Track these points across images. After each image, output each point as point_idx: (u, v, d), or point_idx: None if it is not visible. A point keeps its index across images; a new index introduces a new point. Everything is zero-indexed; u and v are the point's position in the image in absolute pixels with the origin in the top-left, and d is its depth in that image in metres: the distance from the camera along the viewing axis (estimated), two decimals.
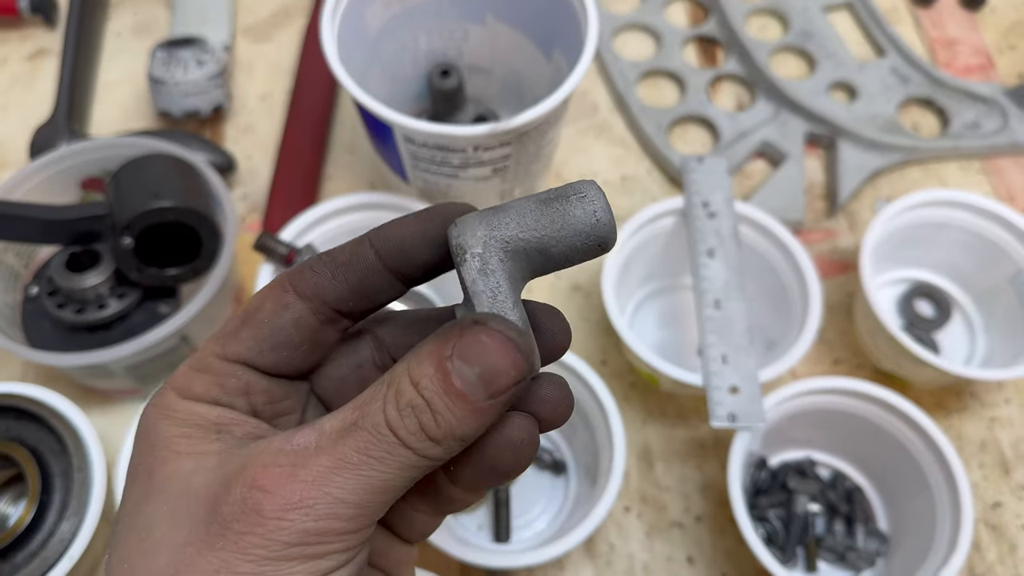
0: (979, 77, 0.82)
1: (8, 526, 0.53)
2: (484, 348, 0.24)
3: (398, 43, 0.66)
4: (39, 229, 0.58)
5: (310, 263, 0.28)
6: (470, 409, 0.24)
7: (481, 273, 0.25)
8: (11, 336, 0.57)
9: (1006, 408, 0.64)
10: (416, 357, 0.25)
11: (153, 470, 0.26)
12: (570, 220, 0.25)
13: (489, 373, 0.24)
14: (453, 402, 0.24)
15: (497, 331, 0.24)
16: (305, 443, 0.25)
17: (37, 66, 0.81)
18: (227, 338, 0.28)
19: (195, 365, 0.28)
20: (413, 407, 0.24)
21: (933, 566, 0.52)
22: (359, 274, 0.27)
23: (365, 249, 0.27)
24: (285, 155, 0.73)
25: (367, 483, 0.24)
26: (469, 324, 0.24)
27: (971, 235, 0.65)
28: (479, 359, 0.24)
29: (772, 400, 0.55)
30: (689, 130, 0.79)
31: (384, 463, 0.24)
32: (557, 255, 0.26)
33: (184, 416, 0.27)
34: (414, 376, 0.24)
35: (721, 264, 0.59)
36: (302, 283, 0.27)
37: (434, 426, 0.24)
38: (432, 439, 0.24)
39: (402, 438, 0.24)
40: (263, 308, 0.27)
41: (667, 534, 0.59)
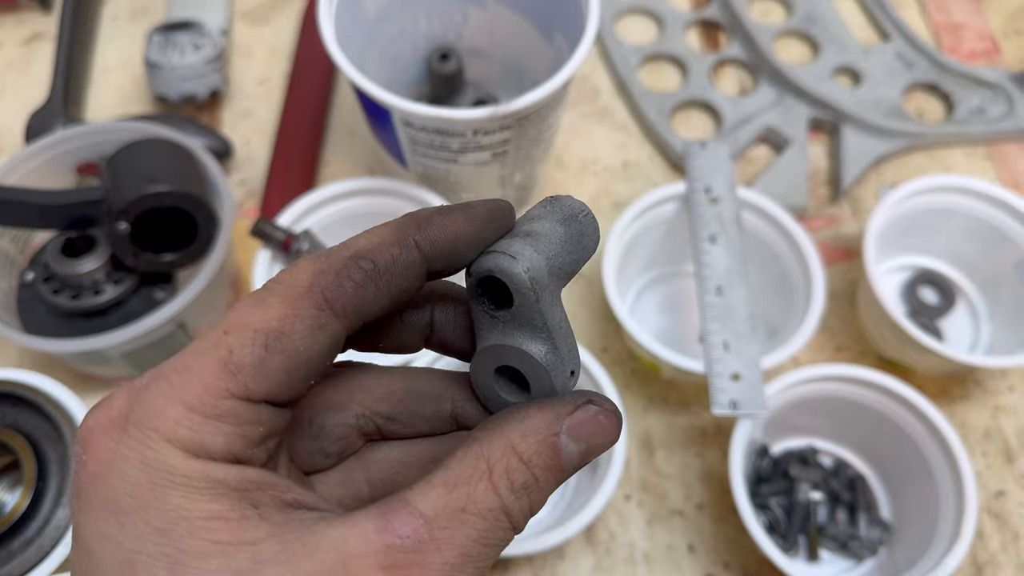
0: (984, 62, 0.81)
1: (4, 513, 0.53)
2: (599, 429, 0.24)
3: (397, 26, 0.65)
4: (34, 214, 0.57)
5: (347, 271, 0.22)
6: (562, 482, 0.24)
7: (554, 305, 0.25)
8: (6, 322, 0.57)
9: (1010, 396, 0.64)
10: (520, 432, 0.23)
11: (181, 567, 0.20)
12: (587, 240, 0.26)
13: (593, 449, 0.24)
14: (553, 476, 0.24)
15: (612, 413, 0.25)
16: (416, 535, 0.21)
17: (33, 50, 0.81)
18: (248, 372, 0.21)
19: (202, 408, 0.21)
20: (527, 488, 0.23)
21: (936, 555, 0.51)
22: (407, 282, 0.23)
23: (411, 252, 0.23)
24: (283, 140, 0.73)
25: (479, 572, 0.22)
26: (582, 403, 0.24)
27: (976, 221, 0.65)
28: (589, 438, 0.24)
29: (774, 387, 0.55)
30: (691, 115, 0.78)
31: (496, 550, 0.23)
32: (573, 273, 0.26)
33: (202, 484, 0.20)
34: (523, 453, 0.23)
35: (723, 250, 0.58)
36: (342, 298, 0.22)
37: (539, 503, 0.24)
38: (533, 515, 0.24)
39: (515, 521, 0.23)
40: (294, 332, 0.22)
41: (668, 522, 0.59)
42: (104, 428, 0.21)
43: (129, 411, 0.21)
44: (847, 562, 0.57)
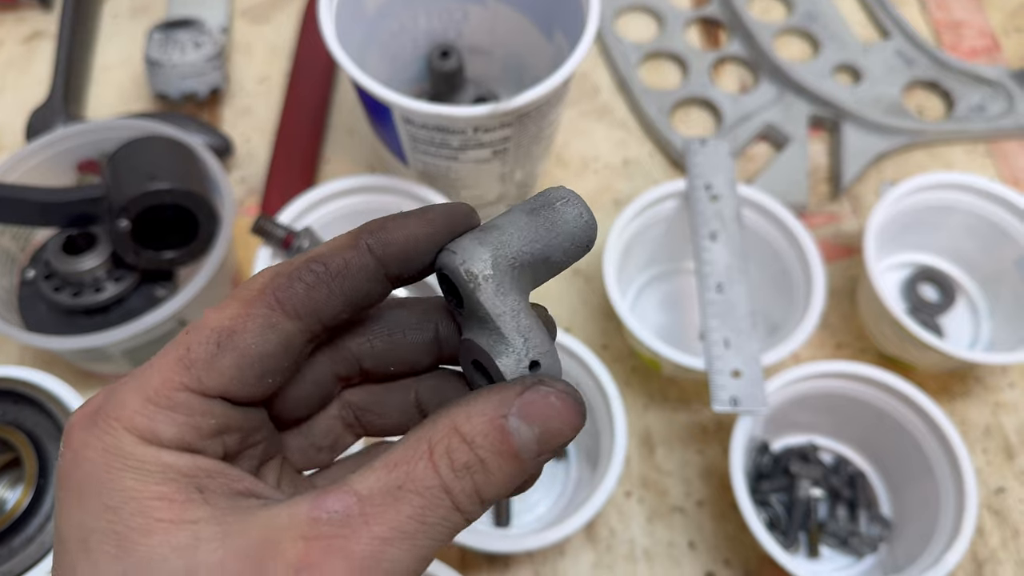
0: (985, 60, 0.81)
1: (5, 511, 0.53)
2: (550, 409, 0.23)
3: (397, 23, 0.65)
4: (35, 212, 0.57)
5: (299, 273, 0.24)
6: (519, 469, 0.23)
7: (499, 295, 0.25)
8: (8, 320, 0.57)
9: (1010, 393, 0.64)
10: (465, 413, 0.23)
11: (127, 542, 0.21)
12: (563, 226, 0.26)
13: (549, 434, 0.23)
14: (506, 460, 0.23)
15: (565, 393, 0.24)
16: (345, 510, 0.22)
17: (33, 48, 0.81)
18: (201, 366, 0.23)
19: (156, 399, 0.23)
20: (468, 468, 0.22)
21: (936, 551, 0.52)
22: (358, 284, 0.24)
23: (364, 256, 0.24)
24: (283, 138, 0.73)
25: (419, 553, 0.22)
26: (532, 384, 0.23)
27: (976, 218, 0.65)
28: (542, 419, 0.23)
29: (775, 384, 0.55)
30: (691, 113, 0.78)
31: (437, 530, 0.22)
32: (556, 262, 0.26)
33: (153, 468, 0.22)
34: (467, 434, 0.23)
35: (723, 247, 0.58)
36: (293, 298, 0.24)
37: (489, 487, 0.23)
38: (483, 501, 0.23)
39: (458, 502, 0.22)
40: (245, 330, 0.23)
41: (668, 519, 0.59)
42: (80, 422, 0.23)
43: (101, 405, 0.23)
44: (847, 558, 0.58)
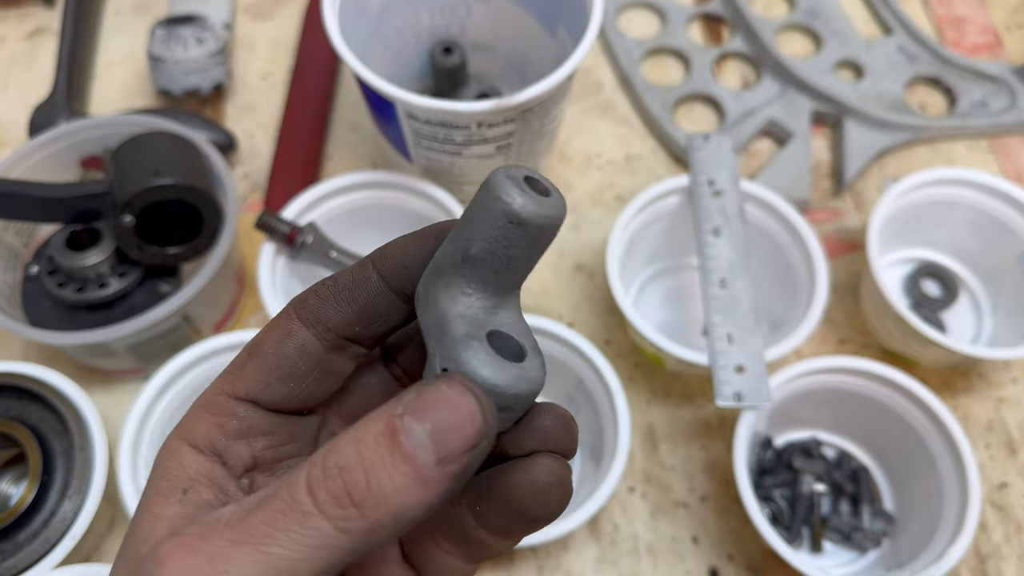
0: (987, 56, 0.81)
1: (10, 506, 0.53)
2: (442, 401, 0.21)
3: (400, 19, 0.65)
4: (39, 207, 0.57)
5: (314, 289, 0.26)
6: (414, 476, 0.20)
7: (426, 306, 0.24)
8: (11, 315, 0.57)
9: (1013, 388, 0.64)
10: (367, 417, 0.22)
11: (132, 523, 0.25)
12: (474, 215, 0.23)
13: (443, 431, 0.21)
14: (395, 464, 0.20)
15: (461, 384, 0.21)
16: (222, 515, 0.22)
17: (36, 44, 0.81)
18: (235, 373, 0.26)
19: (203, 402, 0.26)
20: (340, 468, 0.21)
21: (939, 546, 0.52)
22: (363, 297, 0.26)
23: (368, 271, 0.26)
24: (286, 134, 0.73)
25: (267, 561, 0.20)
26: (432, 379, 0.22)
27: (979, 214, 0.65)
28: (433, 414, 0.21)
29: (778, 379, 0.55)
30: (694, 108, 0.78)
31: (290, 537, 0.21)
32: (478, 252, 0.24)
33: (169, 468, 0.25)
34: (357, 434, 0.21)
35: (727, 243, 0.58)
36: (305, 309, 0.26)
37: (363, 490, 0.20)
38: (356, 506, 0.21)
39: (319, 503, 0.21)
40: (268, 339, 0.26)
41: (672, 514, 0.59)
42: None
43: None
44: (851, 553, 0.58)
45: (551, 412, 0.25)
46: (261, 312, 0.66)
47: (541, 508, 0.24)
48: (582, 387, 0.57)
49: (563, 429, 0.25)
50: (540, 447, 0.25)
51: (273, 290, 0.57)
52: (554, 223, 0.24)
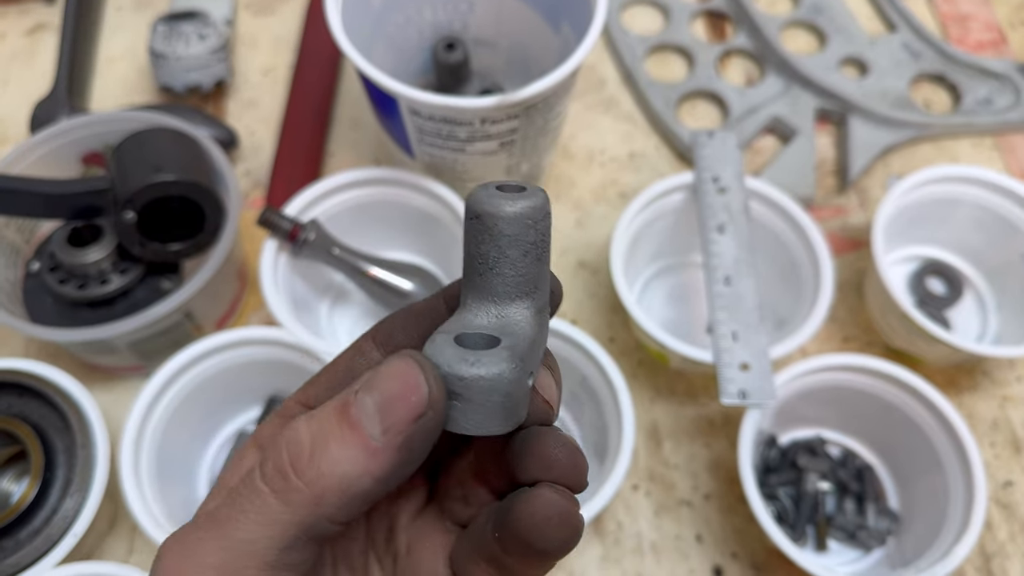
0: (992, 53, 0.81)
1: (11, 503, 0.53)
2: (388, 372, 0.22)
3: (402, 15, 0.65)
4: (40, 204, 0.57)
5: (391, 314, 0.28)
6: (360, 445, 0.21)
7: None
8: (12, 312, 0.57)
9: (1018, 387, 0.64)
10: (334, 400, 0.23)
11: None
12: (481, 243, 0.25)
13: (388, 400, 0.21)
14: (342, 433, 0.21)
15: (408, 356, 0.22)
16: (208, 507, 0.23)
17: (36, 41, 0.80)
18: (309, 384, 0.28)
19: (279, 411, 0.28)
20: (292, 441, 0.21)
21: (945, 544, 0.51)
22: (429, 323, 0.27)
23: (438, 301, 0.28)
24: (288, 131, 0.72)
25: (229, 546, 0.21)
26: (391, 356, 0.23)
27: (983, 211, 0.65)
28: (381, 386, 0.21)
29: (782, 377, 0.55)
30: (698, 105, 0.78)
31: (247, 518, 0.21)
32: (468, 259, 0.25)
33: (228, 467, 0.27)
34: (313, 411, 0.22)
35: (731, 240, 0.58)
36: (381, 331, 0.28)
37: (305, 460, 0.21)
38: (299, 476, 0.21)
39: (266, 478, 0.21)
40: (343, 355, 0.28)
41: (676, 512, 0.59)
42: None
43: None
44: (855, 552, 0.57)
45: (558, 440, 0.25)
46: (263, 309, 0.65)
47: (543, 541, 0.24)
48: (586, 385, 0.57)
49: (568, 460, 0.25)
50: (542, 476, 0.25)
51: (275, 287, 0.57)
52: (516, 216, 0.24)
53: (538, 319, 0.26)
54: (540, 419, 0.25)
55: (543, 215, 0.25)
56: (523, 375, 0.23)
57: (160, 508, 0.52)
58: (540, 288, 0.26)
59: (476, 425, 0.23)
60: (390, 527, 0.29)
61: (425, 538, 0.28)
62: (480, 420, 0.23)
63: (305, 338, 0.54)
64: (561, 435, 0.25)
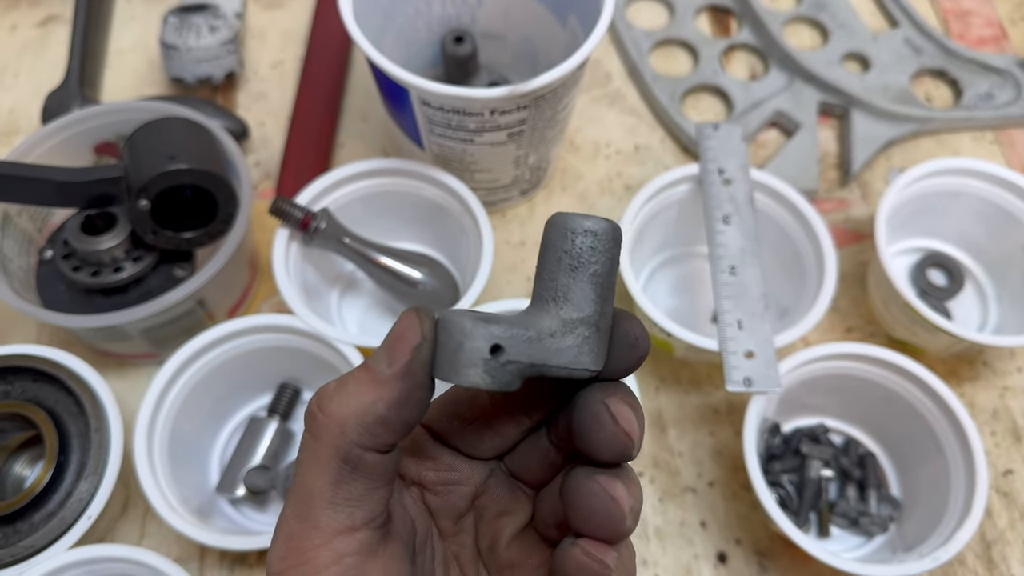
0: (992, 48, 0.81)
1: (26, 487, 0.54)
2: (395, 324, 0.26)
3: (412, 8, 0.65)
4: (54, 192, 0.58)
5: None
6: (370, 378, 0.26)
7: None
8: (26, 299, 0.57)
9: (1018, 377, 0.64)
10: None
11: None
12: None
13: (391, 339, 0.26)
14: (358, 373, 0.26)
15: (412, 308, 0.26)
16: None
17: (48, 32, 0.81)
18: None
19: None
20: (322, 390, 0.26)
21: (947, 530, 0.52)
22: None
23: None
24: (298, 122, 0.73)
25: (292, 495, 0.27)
26: None
27: (984, 204, 0.65)
28: (388, 335, 0.26)
29: (786, 366, 0.55)
30: (702, 99, 0.78)
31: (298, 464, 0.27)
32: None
33: None
34: None
35: (737, 231, 0.59)
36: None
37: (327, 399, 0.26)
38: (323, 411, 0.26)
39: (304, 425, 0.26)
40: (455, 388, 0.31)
41: (680, 499, 0.60)
42: None
43: None
44: (858, 538, 0.58)
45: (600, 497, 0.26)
46: (274, 298, 0.66)
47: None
48: None
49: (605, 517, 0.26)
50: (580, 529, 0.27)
51: (287, 275, 0.57)
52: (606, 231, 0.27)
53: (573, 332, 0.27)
54: (619, 451, 0.26)
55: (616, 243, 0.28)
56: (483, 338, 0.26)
57: (173, 492, 0.52)
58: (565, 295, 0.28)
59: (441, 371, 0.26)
60: (494, 538, 0.31)
61: (527, 553, 0.30)
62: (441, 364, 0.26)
63: (317, 325, 0.55)
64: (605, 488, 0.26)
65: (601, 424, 0.26)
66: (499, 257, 0.68)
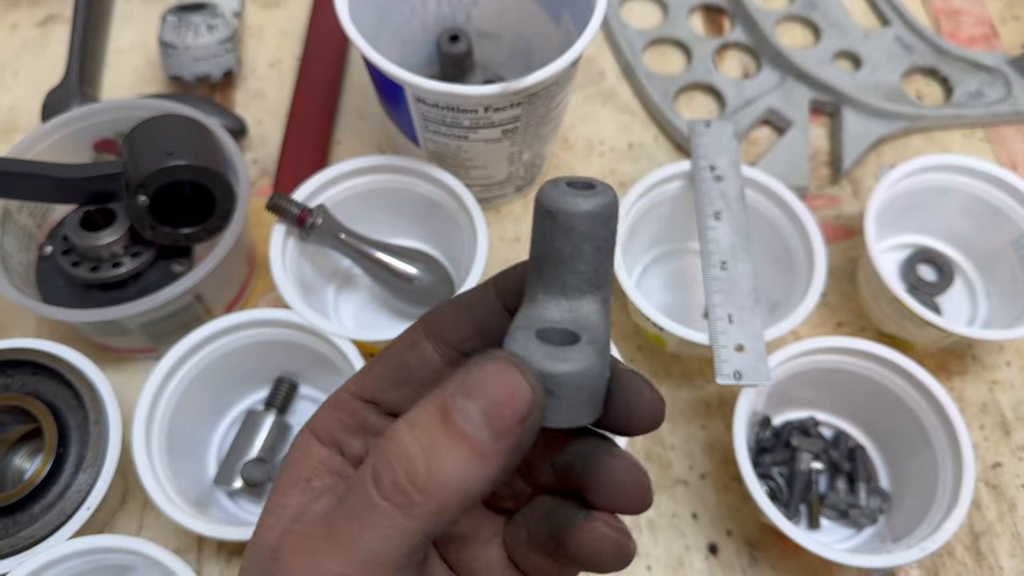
0: (983, 47, 0.82)
1: (25, 478, 0.55)
2: (487, 377, 0.21)
3: (407, 7, 0.66)
4: (54, 188, 0.58)
5: (442, 306, 0.29)
6: (472, 453, 0.21)
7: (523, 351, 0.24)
8: (26, 293, 0.58)
9: (1007, 371, 0.65)
10: (420, 402, 0.22)
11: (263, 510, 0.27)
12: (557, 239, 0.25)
13: (495, 406, 0.21)
14: (452, 443, 0.21)
15: (506, 360, 0.22)
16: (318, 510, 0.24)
17: (48, 32, 0.82)
18: (361, 374, 0.29)
19: (331, 401, 0.29)
20: (399, 455, 0.21)
21: (934, 521, 0.53)
22: (481, 313, 0.28)
23: (488, 290, 0.29)
24: (295, 120, 0.74)
25: (354, 557, 0.22)
26: (480, 362, 0.22)
27: (973, 200, 0.66)
28: (482, 391, 0.21)
29: (776, 359, 0.56)
30: (695, 97, 0.79)
31: (369, 529, 0.22)
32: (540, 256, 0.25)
33: (296, 458, 0.28)
34: (412, 419, 0.22)
35: (728, 226, 0.59)
36: (432, 322, 0.29)
37: (424, 474, 0.21)
38: (420, 491, 0.21)
39: (385, 493, 0.22)
40: (394, 347, 0.29)
41: (672, 491, 0.60)
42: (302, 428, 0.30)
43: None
44: (847, 530, 0.59)
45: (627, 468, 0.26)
46: (271, 294, 0.67)
47: (595, 566, 0.26)
48: None
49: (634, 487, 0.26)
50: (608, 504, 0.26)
51: (284, 270, 0.58)
52: (591, 213, 0.24)
53: (605, 312, 0.26)
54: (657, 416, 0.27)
55: (614, 211, 0.25)
56: (605, 368, 0.24)
57: (171, 484, 0.53)
58: (608, 282, 0.26)
59: (564, 419, 0.23)
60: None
61: (478, 526, 0.29)
62: (567, 414, 0.23)
63: (314, 320, 0.56)
64: (630, 462, 0.26)
65: (641, 393, 0.26)
66: (493, 253, 0.69)
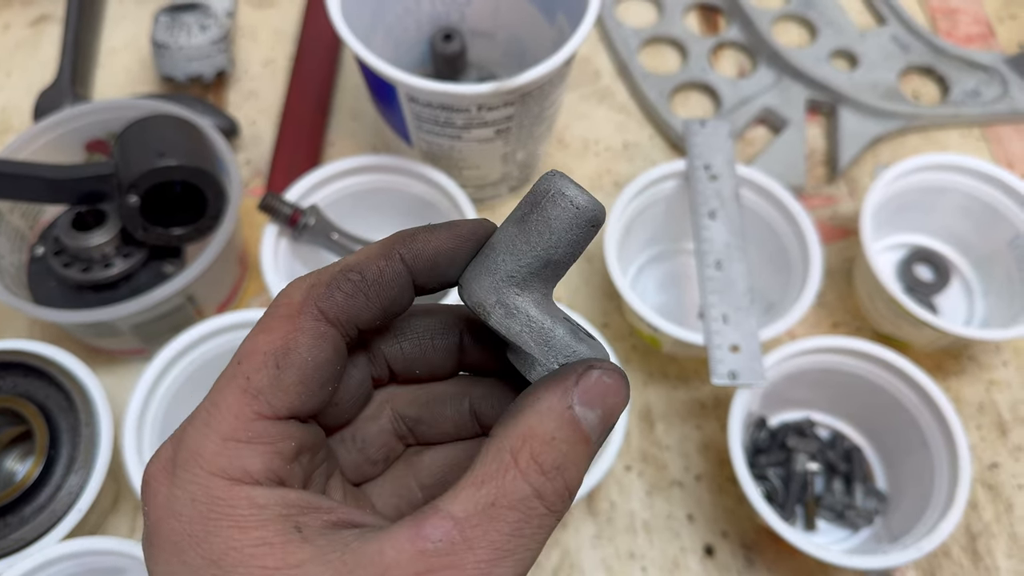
0: (980, 46, 0.82)
1: (16, 480, 0.54)
2: (607, 390, 0.24)
3: (401, 6, 0.66)
4: (45, 188, 0.58)
5: (336, 283, 0.24)
6: (591, 453, 0.24)
7: (508, 317, 0.25)
8: (18, 295, 0.58)
9: (1004, 371, 0.65)
10: (536, 415, 0.23)
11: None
12: (554, 223, 0.25)
13: (609, 412, 0.24)
14: (582, 449, 0.23)
15: (612, 371, 0.24)
16: (447, 537, 0.21)
17: (40, 32, 0.81)
18: (268, 391, 0.23)
19: (235, 435, 0.23)
20: (558, 467, 0.23)
21: (931, 521, 0.53)
22: (394, 292, 0.25)
23: (397, 265, 0.25)
24: (288, 120, 0.73)
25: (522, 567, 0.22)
26: (584, 371, 0.24)
27: (970, 199, 0.66)
28: (602, 401, 0.23)
29: (772, 359, 0.56)
30: (691, 97, 0.79)
31: (535, 539, 0.22)
32: (562, 257, 0.25)
33: (247, 512, 0.22)
34: (545, 434, 0.23)
35: (722, 226, 0.59)
36: (334, 307, 0.24)
37: (574, 480, 0.23)
38: (571, 496, 0.23)
39: (550, 504, 0.23)
40: (299, 345, 0.23)
41: (667, 492, 0.60)
42: (156, 476, 0.23)
43: (175, 455, 0.23)
44: (844, 531, 0.59)
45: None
46: (263, 295, 0.67)
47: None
48: None
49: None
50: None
51: (276, 270, 0.58)
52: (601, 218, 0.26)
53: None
54: None
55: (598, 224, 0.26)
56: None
57: None
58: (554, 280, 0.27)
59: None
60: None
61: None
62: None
63: None
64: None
65: None
66: None
